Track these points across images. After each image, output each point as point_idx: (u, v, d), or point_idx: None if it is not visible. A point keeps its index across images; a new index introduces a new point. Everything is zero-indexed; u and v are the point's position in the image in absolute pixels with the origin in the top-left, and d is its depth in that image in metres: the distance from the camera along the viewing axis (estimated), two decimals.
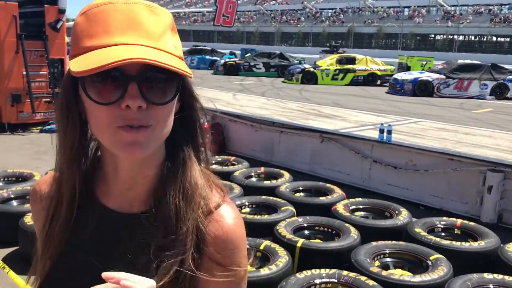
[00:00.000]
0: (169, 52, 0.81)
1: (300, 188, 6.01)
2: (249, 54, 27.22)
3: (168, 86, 0.82)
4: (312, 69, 21.30)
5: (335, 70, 21.32)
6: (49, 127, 10.37)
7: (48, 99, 10.49)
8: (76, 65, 0.77)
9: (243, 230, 0.94)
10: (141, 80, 0.78)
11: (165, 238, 0.85)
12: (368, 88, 20.26)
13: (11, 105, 10.02)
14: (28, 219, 4.42)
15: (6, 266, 3.16)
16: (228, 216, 0.92)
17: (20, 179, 5.92)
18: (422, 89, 17.82)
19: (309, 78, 20.99)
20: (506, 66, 19.07)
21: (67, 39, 11.34)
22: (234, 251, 0.90)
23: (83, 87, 0.80)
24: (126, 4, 0.80)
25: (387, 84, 19.99)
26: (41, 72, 10.38)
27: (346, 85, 21.06)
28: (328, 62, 21.96)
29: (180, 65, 0.79)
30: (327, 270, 3.66)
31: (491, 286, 3.61)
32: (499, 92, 17.94)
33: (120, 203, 0.92)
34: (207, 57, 28.70)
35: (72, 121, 0.87)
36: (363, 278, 3.56)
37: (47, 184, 0.99)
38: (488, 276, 3.69)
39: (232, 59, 25.90)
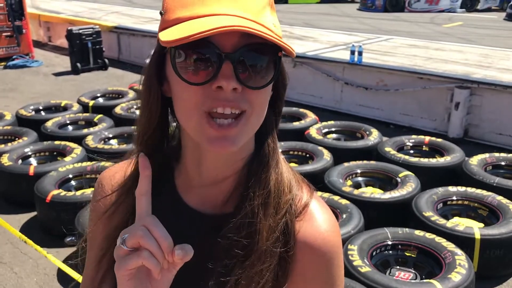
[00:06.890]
0: (269, 28, 0.70)
1: None
2: None
3: (267, 68, 0.71)
4: None
5: None
6: (13, 62, 10.00)
7: (8, 33, 10.03)
8: (166, 34, 0.68)
9: (339, 235, 0.80)
10: (237, 59, 0.68)
11: (248, 245, 0.74)
12: (339, 5, 19.88)
13: None
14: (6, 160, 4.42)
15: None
16: (322, 217, 0.79)
17: None
18: (393, 4, 17.62)
19: None
20: None
21: None
22: (330, 262, 0.78)
23: (173, 61, 0.70)
24: None
25: (359, 1, 19.65)
26: None
27: (317, 3, 20.61)
28: None
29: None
30: None
31: (454, 198, 3.87)
32: (469, 5, 17.90)
33: (202, 201, 0.82)
34: None
35: (154, 99, 0.78)
36: (336, 197, 3.75)
37: (119, 173, 0.89)
38: (452, 189, 3.93)
39: None
